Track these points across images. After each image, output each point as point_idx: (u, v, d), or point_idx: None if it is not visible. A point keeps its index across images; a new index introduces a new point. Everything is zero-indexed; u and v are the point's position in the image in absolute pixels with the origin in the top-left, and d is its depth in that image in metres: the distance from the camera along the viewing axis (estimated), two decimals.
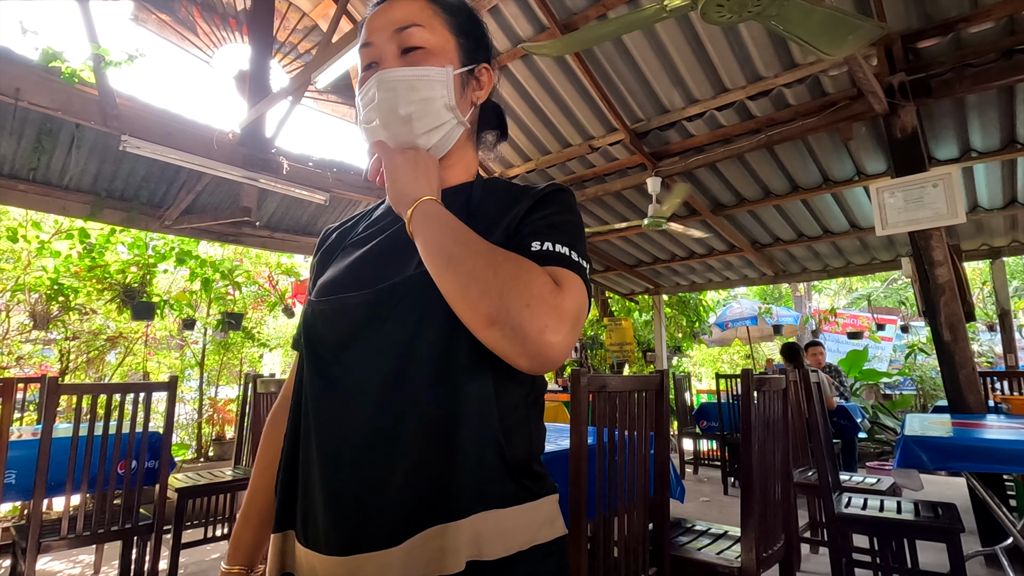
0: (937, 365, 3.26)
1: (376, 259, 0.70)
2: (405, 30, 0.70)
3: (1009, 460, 1.82)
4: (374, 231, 0.75)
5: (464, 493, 0.58)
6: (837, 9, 1.78)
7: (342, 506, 0.59)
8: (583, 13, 3.54)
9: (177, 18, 3.82)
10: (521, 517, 0.62)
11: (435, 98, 0.70)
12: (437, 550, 0.57)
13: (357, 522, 0.58)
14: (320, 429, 0.63)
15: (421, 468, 0.59)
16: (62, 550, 2.15)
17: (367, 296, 0.65)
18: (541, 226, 0.65)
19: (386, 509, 0.58)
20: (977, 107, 3.43)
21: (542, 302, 0.55)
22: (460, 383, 0.60)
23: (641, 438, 1.70)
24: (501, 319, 0.54)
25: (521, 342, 0.54)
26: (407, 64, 0.70)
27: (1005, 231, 4.79)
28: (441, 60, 0.71)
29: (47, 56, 2.91)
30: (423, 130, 0.70)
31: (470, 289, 0.56)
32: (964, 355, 2.96)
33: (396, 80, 0.69)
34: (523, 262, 0.58)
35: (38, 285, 4.17)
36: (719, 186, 4.70)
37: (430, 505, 0.58)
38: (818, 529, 3.08)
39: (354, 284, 0.67)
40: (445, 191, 0.73)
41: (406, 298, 0.63)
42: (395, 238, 0.70)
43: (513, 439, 0.63)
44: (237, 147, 3.61)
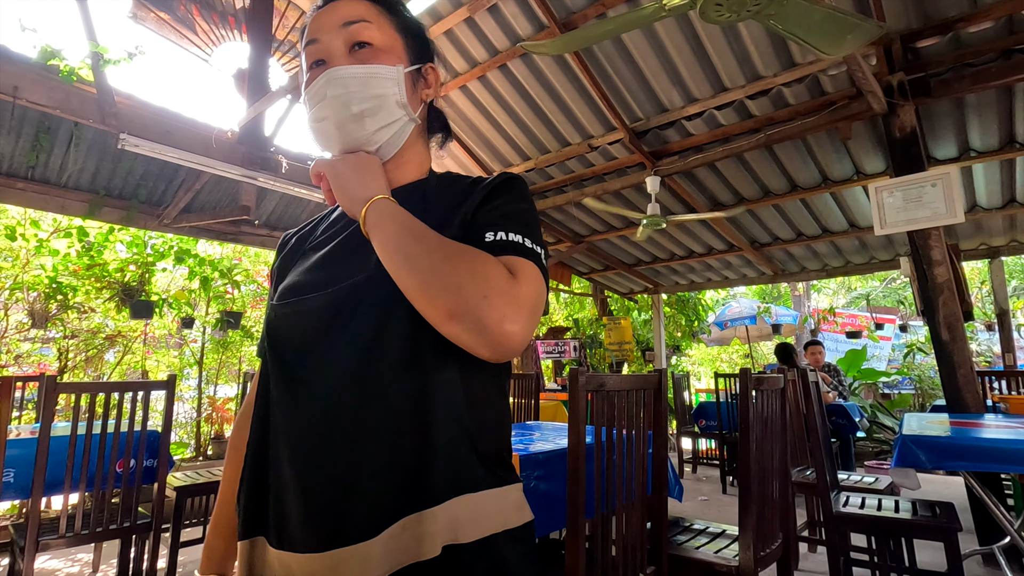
0: (935, 364, 3.27)
1: (335, 260, 0.70)
2: (352, 25, 0.71)
3: (1007, 459, 1.82)
4: (332, 233, 0.75)
5: (438, 481, 0.60)
6: (836, 8, 1.78)
7: (318, 503, 0.60)
8: (582, 12, 3.53)
9: (176, 16, 3.81)
10: (493, 501, 0.63)
11: (387, 95, 0.70)
12: (413, 537, 0.58)
13: (334, 517, 0.59)
14: (290, 431, 0.63)
15: (394, 459, 0.60)
16: (60, 548, 2.15)
17: (328, 296, 0.65)
18: (494, 216, 0.65)
19: (362, 502, 0.59)
20: (976, 107, 3.43)
21: (499, 293, 0.56)
22: (427, 374, 0.61)
23: (639, 437, 1.70)
24: (461, 312, 0.55)
25: (481, 333, 0.55)
26: (357, 61, 0.70)
27: (1004, 231, 4.80)
28: (391, 58, 0.72)
29: (45, 54, 2.90)
30: (375, 127, 0.70)
31: (429, 285, 0.56)
32: (962, 354, 2.97)
33: (348, 77, 0.69)
34: (478, 254, 0.59)
35: (36, 283, 4.16)
36: (718, 185, 4.70)
37: (405, 495, 0.59)
38: (816, 528, 3.08)
39: (315, 286, 0.68)
40: (399, 189, 0.74)
41: (367, 296, 0.63)
42: (352, 239, 0.71)
43: (482, 427, 0.65)
44: (236, 146, 3.60)
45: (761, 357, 10.85)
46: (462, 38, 4.06)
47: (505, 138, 4.81)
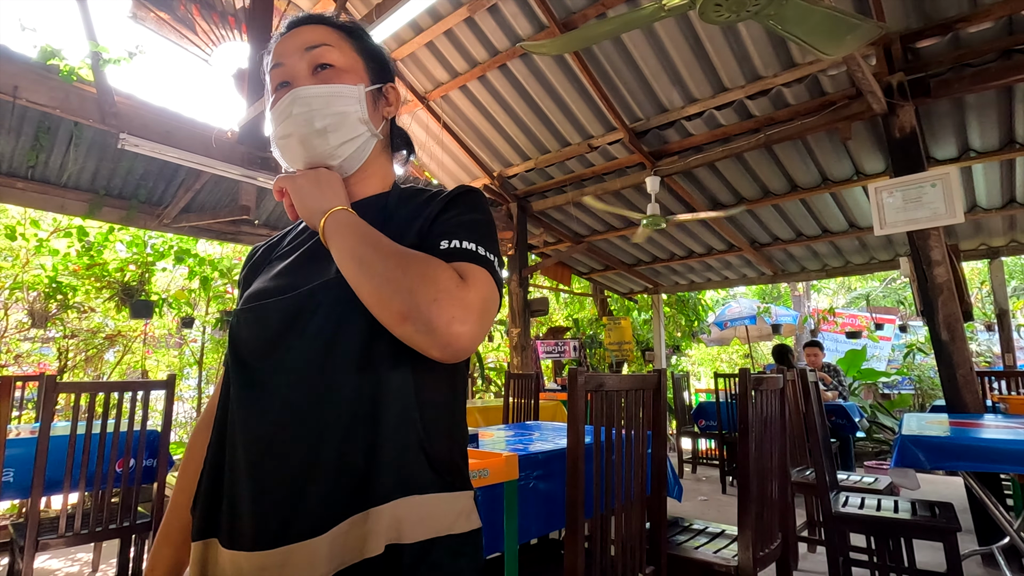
0: (935, 365, 3.27)
1: (297, 268, 0.73)
2: (315, 49, 0.75)
3: (1006, 459, 1.82)
4: (295, 244, 0.78)
5: (385, 480, 0.61)
6: (836, 9, 1.78)
7: (269, 501, 0.61)
8: (582, 12, 3.54)
9: (176, 16, 3.81)
10: (439, 505, 0.65)
11: (349, 112, 0.74)
12: (359, 535, 0.59)
13: (285, 514, 0.60)
14: (245, 429, 0.65)
15: (343, 459, 0.61)
16: (60, 548, 2.15)
17: (288, 300, 0.68)
18: (449, 226, 0.69)
19: (312, 500, 0.60)
20: (976, 107, 3.44)
21: (448, 295, 0.59)
22: (379, 377, 0.63)
23: (639, 437, 1.70)
24: (412, 315, 0.58)
25: (431, 334, 0.58)
26: (320, 82, 0.74)
27: (1003, 231, 4.80)
28: (352, 78, 0.76)
29: (45, 54, 2.91)
30: (338, 142, 0.74)
31: (383, 289, 0.59)
32: (962, 355, 2.97)
33: (311, 96, 0.73)
34: (431, 260, 0.62)
35: (36, 283, 4.16)
36: (718, 185, 4.70)
37: (353, 494, 0.61)
38: (815, 528, 3.08)
39: (276, 292, 0.70)
40: (362, 201, 0.77)
41: (325, 301, 0.66)
42: (314, 249, 0.74)
43: (433, 431, 0.66)
44: (236, 145, 3.60)
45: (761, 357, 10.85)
46: (462, 38, 4.06)
47: (505, 138, 4.81)
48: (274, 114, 0.75)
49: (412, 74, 4.61)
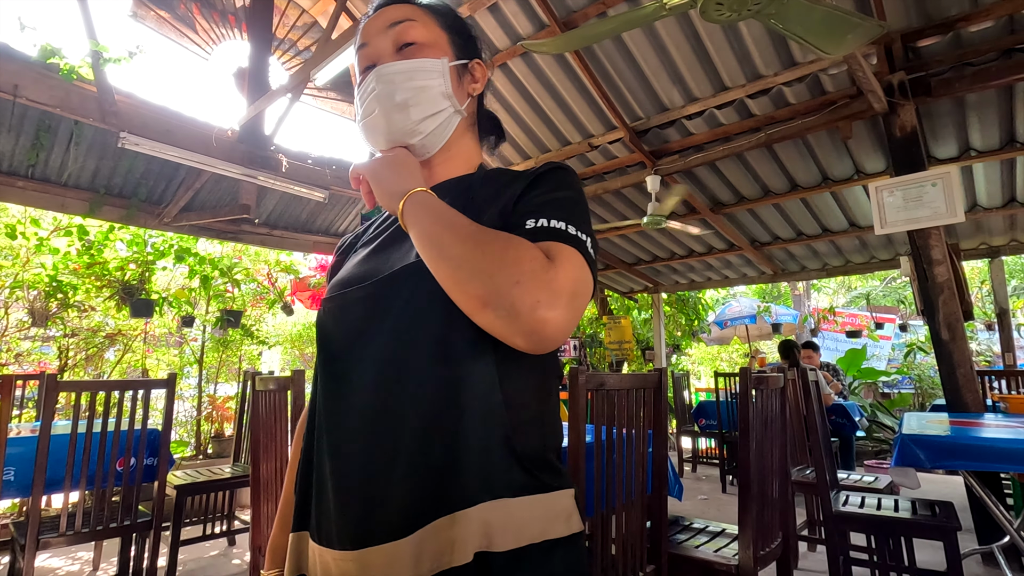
0: (935, 364, 3.27)
1: (379, 255, 0.71)
2: (398, 25, 0.73)
3: (1006, 458, 1.82)
4: (380, 231, 0.77)
5: (469, 482, 0.57)
6: (837, 8, 1.78)
7: (350, 500, 0.59)
8: (583, 11, 3.53)
9: (176, 15, 3.81)
10: (533, 508, 0.59)
11: (431, 86, 0.72)
12: (446, 541, 0.56)
13: (365, 515, 0.58)
14: (328, 425, 0.64)
15: (425, 457, 0.57)
16: (61, 547, 2.15)
17: (367, 288, 0.66)
18: (536, 204, 0.63)
19: (392, 500, 0.57)
20: (977, 106, 3.43)
21: (532, 277, 0.53)
22: (460, 368, 0.59)
23: (639, 436, 1.70)
24: (493, 300, 0.53)
25: (515, 320, 0.53)
26: (403, 59, 0.73)
27: (1004, 230, 4.80)
28: (435, 52, 0.74)
29: (46, 52, 2.90)
30: (420, 116, 0.72)
31: (460, 272, 0.55)
32: (962, 354, 2.97)
33: (393, 73, 0.71)
34: (511, 239, 0.57)
35: (37, 282, 4.16)
36: (718, 184, 4.70)
37: (437, 495, 0.57)
38: (816, 527, 3.08)
39: (358, 280, 0.69)
40: (446, 183, 0.74)
41: (403, 287, 0.63)
42: (396, 234, 0.72)
43: (522, 427, 0.62)
44: (236, 144, 3.60)
45: None
46: None
47: (505, 136, 4.81)
48: (359, 95, 0.75)
49: None
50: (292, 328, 6.72)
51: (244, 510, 3.75)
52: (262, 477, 1.93)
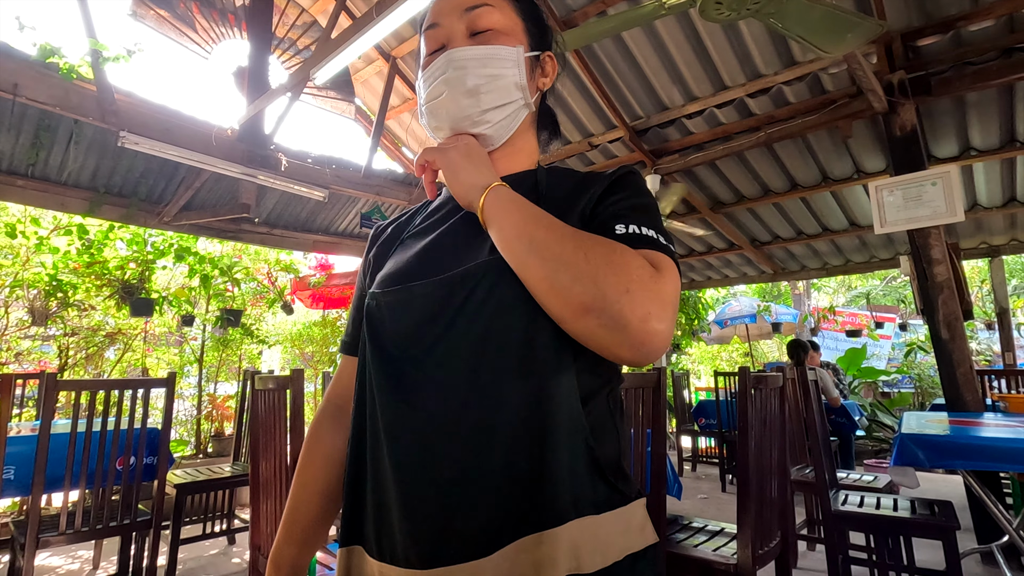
0: (935, 363, 3.27)
1: (443, 247, 0.66)
2: (475, 10, 0.69)
3: (1006, 458, 1.82)
4: (435, 220, 0.72)
5: (557, 498, 0.53)
6: (836, 7, 1.77)
7: (422, 517, 0.55)
8: (582, 10, 3.53)
9: (176, 14, 3.81)
10: (616, 523, 0.57)
11: (505, 75, 0.68)
12: (531, 563, 0.52)
13: (440, 533, 0.54)
14: (392, 436, 0.58)
15: (509, 471, 0.54)
16: (61, 545, 2.16)
17: (437, 284, 0.60)
18: (622, 208, 0.61)
19: (472, 518, 0.53)
20: (977, 105, 3.43)
21: (642, 287, 0.51)
22: (543, 376, 0.55)
23: (638, 435, 1.70)
24: (598, 307, 0.50)
25: (622, 331, 0.50)
26: (477, 43, 0.69)
27: (1004, 229, 4.80)
28: (511, 40, 0.70)
29: (45, 51, 2.90)
30: (490, 105, 0.68)
31: (560, 275, 0.52)
32: (962, 353, 2.97)
33: (467, 58, 0.67)
34: (614, 244, 0.55)
35: (37, 281, 4.16)
36: (718, 184, 4.70)
37: (521, 512, 0.53)
38: (815, 526, 3.08)
39: (421, 273, 0.63)
40: (509, 177, 0.69)
41: (480, 284, 0.58)
42: (461, 226, 0.67)
43: (601, 436, 0.59)
44: (236, 143, 3.60)
45: (761, 356, 10.85)
46: None
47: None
48: (425, 76, 0.70)
49: (412, 72, 4.60)
50: (292, 327, 6.73)
51: (244, 509, 3.75)
52: (262, 476, 1.93)
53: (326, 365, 6.52)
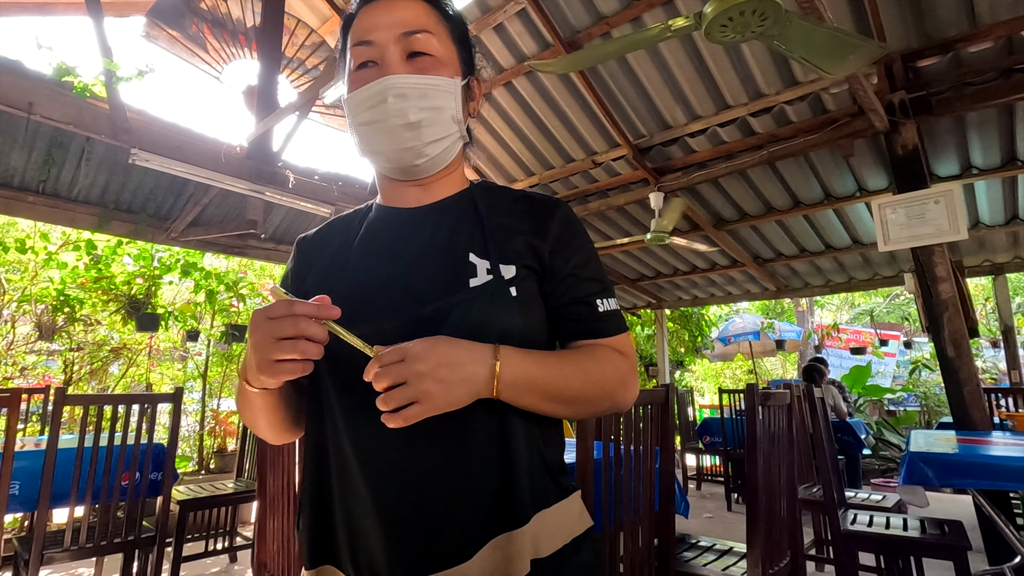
0: (941, 381, 3.25)
1: (406, 275, 0.67)
2: (414, 35, 0.67)
3: (1015, 477, 1.81)
4: (384, 240, 0.71)
5: (522, 498, 0.61)
6: (838, 29, 1.81)
7: (405, 530, 0.59)
8: (587, 31, 3.59)
9: (187, 35, 3.88)
10: (563, 513, 0.65)
11: (445, 108, 0.68)
12: (504, 557, 0.59)
13: (425, 543, 0.58)
14: (363, 461, 0.61)
15: (483, 481, 0.60)
16: (64, 562, 2.14)
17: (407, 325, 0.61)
18: (588, 271, 0.71)
19: (453, 527, 0.59)
20: (977, 125, 3.46)
21: (628, 381, 0.67)
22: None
23: (647, 452, 1.70)
24: (604, 408, 0.67)
25: (617, 409, 0.68)
26: (416, 70, 0.67)
27: (1007, 247, 4.81)
28: (449, 71, 0.69)
29: (60, 71, 2.96)
30: (431, 138, 0.68)
31: (583, 409, 0.66)
32: (968, 371, 2.96)
33: (408, 87, 0.65)
34: (599, 357, 0.66)
35: (44, 296, 4.19)
36: (721, 201, 4.73)
37: (494, 516, 0.60)
38: (824, 546, 3.05)
39: (384, 304, 0.64)
40: (446, 202, 0.73)
41: (448, 322, 0.61)
42: (423, 249, 0.68)
43: (548, 442, 0.68)
44: (244, 160, 3.65)
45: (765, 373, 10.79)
46: None
47: (510, 154, 4.86)
48: (359, 98, 0.67)
49: None
50: None
51: (246, 526, 3.72)
52: (268, 491, 1.93)
53: None
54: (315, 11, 4.73)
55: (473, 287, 0.63)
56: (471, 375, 0.56)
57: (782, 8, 1.66)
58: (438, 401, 0.54)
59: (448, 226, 0.70)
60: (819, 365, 5.16)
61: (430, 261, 0.67)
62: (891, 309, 11.88)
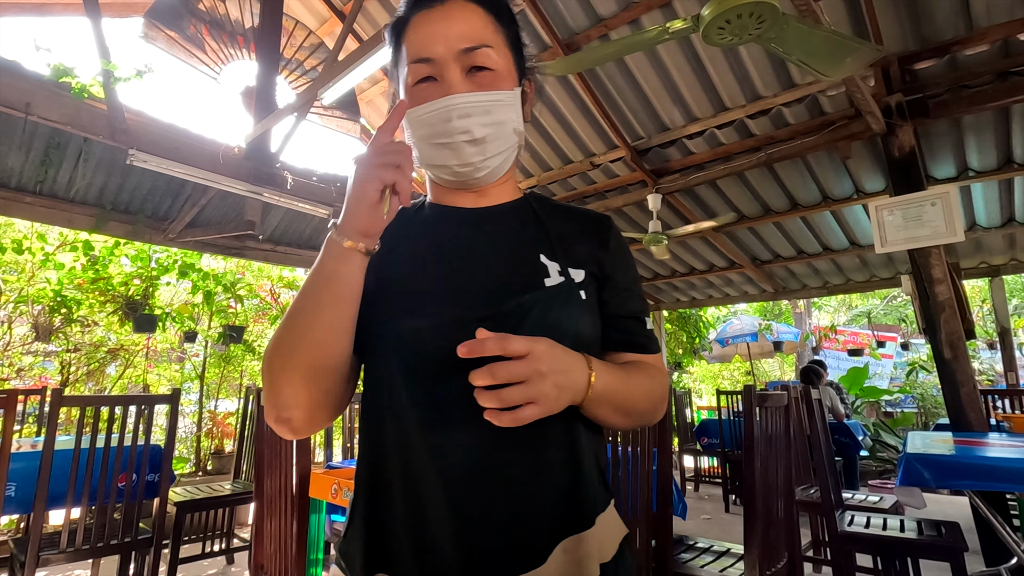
0: (938, 383, 3.26)
1: (482, 271, 0.66)
2: (475, 51, 0.65)
3: (1012, 479, 1.82)
4: (452, 235, 0.71)
5: (590, 502, 0.62)
6: (835, 32, 1.82)
7: (482, 536, 0.57)
8: (585, 33, 3.60)
9: (186, 36, 3.88)
10: (612, 517, 0.67)
11: (507, 121, 0.68)
12: (573, 561, 0.59)
13: (501, 548, 0.57)
14: (447, 463, 0.59)
15: (556, 485, 0.61)
16: (60, 564, 2.14)
17: (487, 318, 0.60)
18: (639, 290, 0.75)
19: (528, 530, 0.58)
20: (973, 127, 3.48)
21: (666, 398, 0.73)
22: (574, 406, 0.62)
23: (644, 453, 1.70)
24: (647, 422, 0.72)
25: (651, 424, 0.75)
26: (477, 87, 0.66)
27: (1003, 249, 4.82)
28: (509, 83, 0.68)
29: (58, 72, 2.95)
30: (492, 153, 0.68)
31: (636, 422, 0.69)
32: (965, 373, 2.97)
33: (471, 105, 0.65)
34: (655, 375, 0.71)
35: (41, 297, 4.18)
36: (719, 203, 4.74)
37: (565, 519, 0.60)
38: (821, 548, 3.05)
39: (462, 296, 0.64)
40: (507, 204, 0.74)
41: (528, 319, 0.61)
42: (494, 247, 0.69)
43: (601, 446, 0.71)
44: (242, 161, 3.64)
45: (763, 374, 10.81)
46: None
47: None
48: (419, 113, 0.66)
49: None
50: None
51: (243, 528, 3.72)
52: (266, 493, 1.92)
53: None
54: (314, 12, 4.73)
55: (549, 286, 0.65)
56: (574, 383, 0.57)
57: (779, 11, 1.67)
58: (551, 405, 0.54)
59: (513, 227, 0.72)
60: (817, 367, 5.17)
61: (503, 259, 0.67)
62: (888, 311, 11.91)
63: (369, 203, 0.56)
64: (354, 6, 3.30)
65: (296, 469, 1.76)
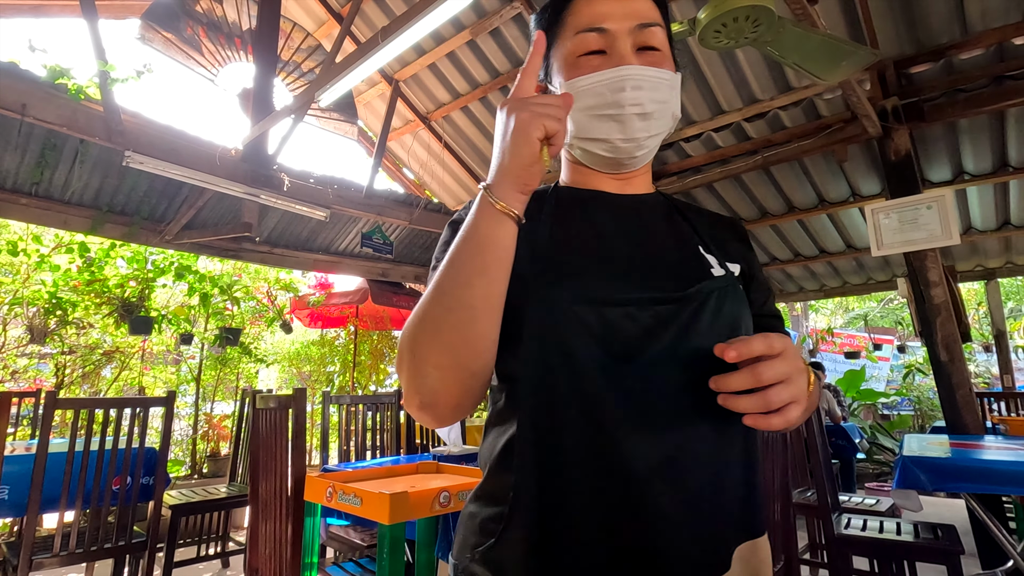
0: (934, 385, 3.27)
1: (653, 255, 0.65)
2: (648, 28, 0.65)
3: (1008, 481, 1.82)
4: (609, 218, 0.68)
5: (760, 507, 0.61)
6: (831, 36, 1.82)
7: (672, 539, 0.54)
8: None
9: (183, 37, 3.88)
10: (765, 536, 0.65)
11: (670, 103, 0.67)
12: (747, 569, 0.58)
13: (692, 554, 0.54)
14: (634, 456, 0.54)
15: (736, 486, 0.59)
16: (53, 567, 2.12)
17: (667, 302, 0.58)
18: (772, 292, 0.75)
19: (713, 534, 0.56)
20: (969, 131, 3.49)
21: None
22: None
23: None
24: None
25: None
26: (647, 63, 0.65)
27: (999, 252, 4.84)
28: (671, 66, 0.68)
29: (54, 73, 2.95)
30: (656, 131, 0.66)
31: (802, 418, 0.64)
32: (961, 375, 2.98)
33: (644, 78, 0.63)
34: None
35: (36, 299, 4.16)
36: (716, 206, 4.74)
37: (741, 523, 0.59)
38: (818, 551, 3.05)
39: (639, 276, 0.61)
40: (647, 196, 0.73)
41: (707, 306, 0.59)
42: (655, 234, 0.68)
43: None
44: (239, 163, 3.64)
45: None
46: (464, 60, 4.13)
47: None
48: (588, 82, 0.64)
49: (414, 94, 4.68)
50: (290, 346, 6.71)
51: (238, 531, 3.70)
52: (261, 496, 1.91)
53: (323, 384, 6.48)
54: (311, 14, 4.74)
55: (717, 276, 0.63)
56: (805, 384, 0.53)
57: (775, 15, 1.68)
58: (805, 405, 0.52)
59: (665, 218, 0.70)
60: (814, 369, 5.18)
61: (670, 247, 0.66)
62: (885, 313, 11.94)
63: (531, 153, 0.51)
64: (352, 8, 3.30)
65: (291, 472, 1.75)
